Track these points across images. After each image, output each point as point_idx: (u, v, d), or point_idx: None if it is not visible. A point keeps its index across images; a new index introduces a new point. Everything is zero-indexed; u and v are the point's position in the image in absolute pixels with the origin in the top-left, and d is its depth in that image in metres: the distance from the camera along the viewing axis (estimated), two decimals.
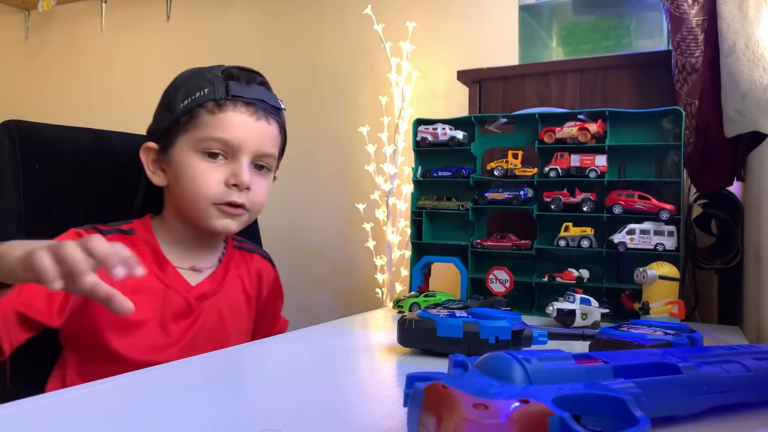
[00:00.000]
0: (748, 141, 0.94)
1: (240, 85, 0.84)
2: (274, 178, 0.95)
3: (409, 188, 1.95)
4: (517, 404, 0.34)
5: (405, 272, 1.95)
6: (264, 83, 0.88)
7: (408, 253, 1.93)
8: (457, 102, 1.85)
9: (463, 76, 1.31)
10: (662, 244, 0.89)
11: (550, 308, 0.86)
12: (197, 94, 0.83)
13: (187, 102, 0.83)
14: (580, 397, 0.38)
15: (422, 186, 1.08)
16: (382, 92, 2.03)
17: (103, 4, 2.67)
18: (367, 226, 1.98)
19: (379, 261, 1.97)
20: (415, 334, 0.65)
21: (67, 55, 2.75)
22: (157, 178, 0.87)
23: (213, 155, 0.83)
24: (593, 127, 0.95)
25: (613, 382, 0.40)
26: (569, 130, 0.96)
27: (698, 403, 0.45)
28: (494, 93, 1.29)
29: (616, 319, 0.87)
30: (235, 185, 0.83)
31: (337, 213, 2.18)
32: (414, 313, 0.67)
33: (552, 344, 0.66)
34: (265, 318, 0.98)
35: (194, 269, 0.88)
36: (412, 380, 0.39)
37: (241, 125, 0.83)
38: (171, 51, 2.48)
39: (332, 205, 2.19)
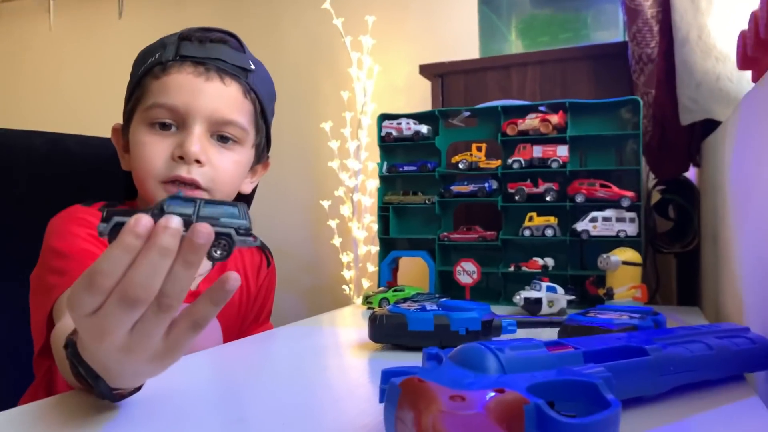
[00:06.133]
0: (703, 128, 0.97)
1: (192, 45, 0.74)
2: (266, 164, 0.86)
3: (373, 183, 1.95)
4: (492, 394, 0.34)
5: (372, 268, 1.94)
6: (225, 41, 0.76)
7: (374, 249, 1.93)
8: (419, 96, 1.85)
9: (425, 70, 1.31)
10: (624, 231, 0.91)
11: (518, 297, 0.87)
12: (149, 60, 0.75)
13: (140, 72, 0.75)
14: (553, 384, 0.38)
15: (388, 181, 1.08)
16: (343, 87, 2.02)
17: (51, 2, 2.58)
18: (333, 223, 1.97)
19: (345, 257, 1.96)
20: (386, 330, 0.65)
21: (14, 55, 2.65)
22: (124, 162, 0.78)
23: (164, 126, 0.72)
24: (555, 119, 0.96)
25: (584, 367, 0.41)
26: (531, 121, 0.97)
27: (665, 382, 0.46)
28: (456, 87, 1.30)
29: (582, 306, 0.89)
30: (181, 157, 0.71)
31: (301, 210, 2.16)
32: (384, 309, 0.66)
33: (521, 332, 0.67)
34: (246, 321, 0.88)
35: None
36: (387, 376, 0.39)
37: (187, 87, 0.72)
38: (124, 50, 2.40)
39: (296, 203, 2.17)
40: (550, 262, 0.96)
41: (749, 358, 0.52)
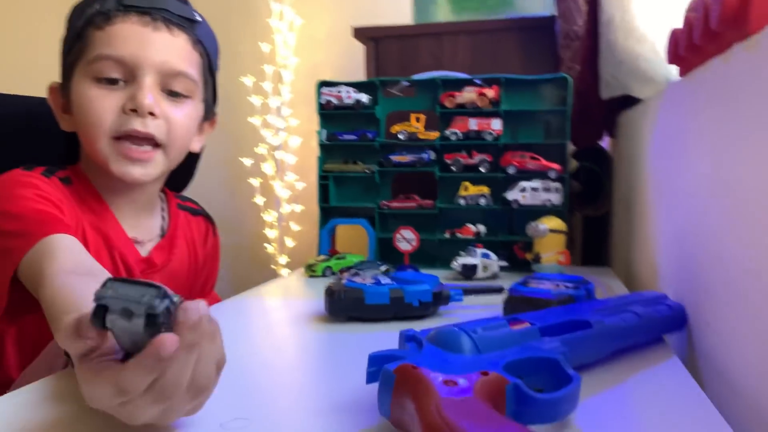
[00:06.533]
0: (620, 103, 1.05)
1: None
2: (213, 121, 0.84)
3: (297, 141, 1.93)
4: (478, 377, 0.38)
5: (295, 227, 1.95)
6: None
7: (299, 208, 1.94)
8: (340, 52, 1.84)
9: (360, 33, 1.30)
10: (550, 200, 0.99)
11: (455, 263, 0.92)
12: (88, 11, 0.71)
13: (79, 23, 0.71)
14: (522, 361, 0.43)
15: (327, 149, 1.08)
16: (262, 39, 1.95)
17: None
18: (255, 182, 1.95)
19: (268, 217, 1.95)
20: (344, 304, 0.67)
21: None
22: (64, 123, 0.75)
23: (110, 81, 0.70)
24: (490, 93, 1.00)
25: (542, 342, 0.47)
26: (468, 95, 1.01)
27: (604, 349, 0.53)
28: (390, 51, 1.31)
29: (512, 270, 0.96)
30: (133, 110, 0.69)
31: (218, 167, 2.10)
32: (341, 283, 0.69)
33: (466, 299, 0.73)
34: (193, 292, 0.88)
35: (135, 241, 0.77)
36: (375, 360, 0.42)
37: (134, 38, 0.69)
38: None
39: (212, 158, 2.10)
40: (482, 228, 1.02)
41: (669, 322, 0.60)
